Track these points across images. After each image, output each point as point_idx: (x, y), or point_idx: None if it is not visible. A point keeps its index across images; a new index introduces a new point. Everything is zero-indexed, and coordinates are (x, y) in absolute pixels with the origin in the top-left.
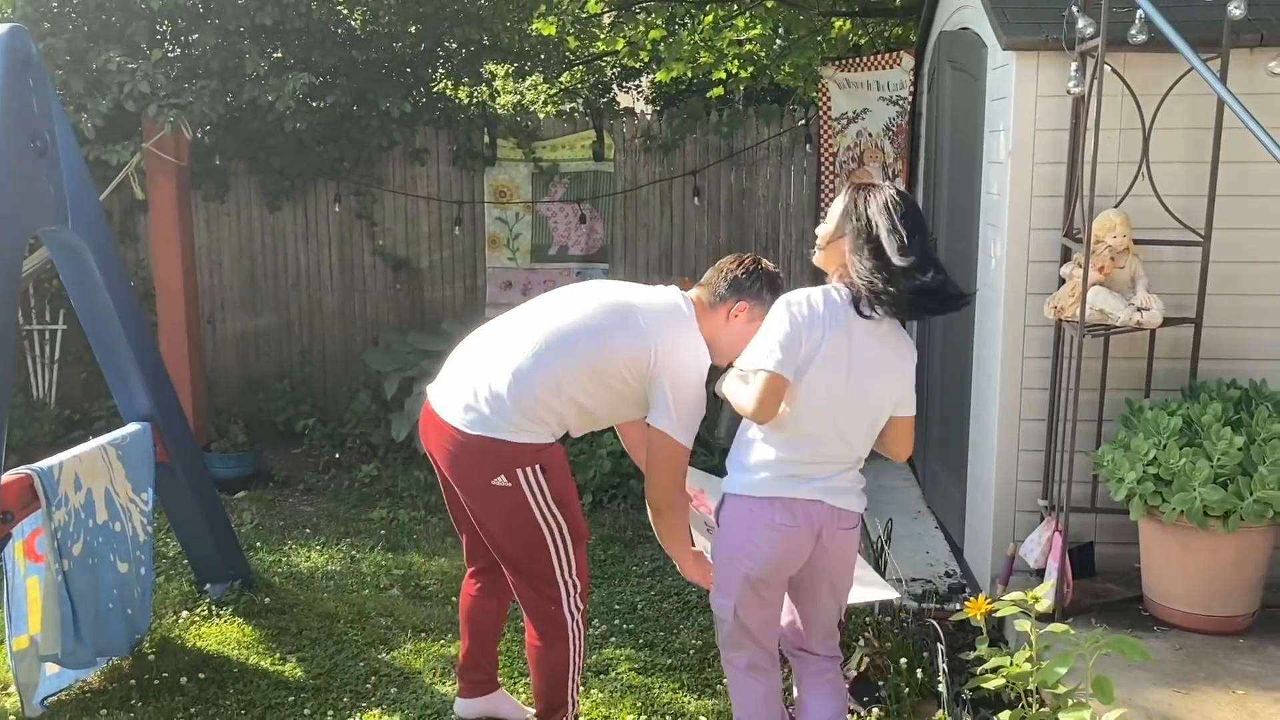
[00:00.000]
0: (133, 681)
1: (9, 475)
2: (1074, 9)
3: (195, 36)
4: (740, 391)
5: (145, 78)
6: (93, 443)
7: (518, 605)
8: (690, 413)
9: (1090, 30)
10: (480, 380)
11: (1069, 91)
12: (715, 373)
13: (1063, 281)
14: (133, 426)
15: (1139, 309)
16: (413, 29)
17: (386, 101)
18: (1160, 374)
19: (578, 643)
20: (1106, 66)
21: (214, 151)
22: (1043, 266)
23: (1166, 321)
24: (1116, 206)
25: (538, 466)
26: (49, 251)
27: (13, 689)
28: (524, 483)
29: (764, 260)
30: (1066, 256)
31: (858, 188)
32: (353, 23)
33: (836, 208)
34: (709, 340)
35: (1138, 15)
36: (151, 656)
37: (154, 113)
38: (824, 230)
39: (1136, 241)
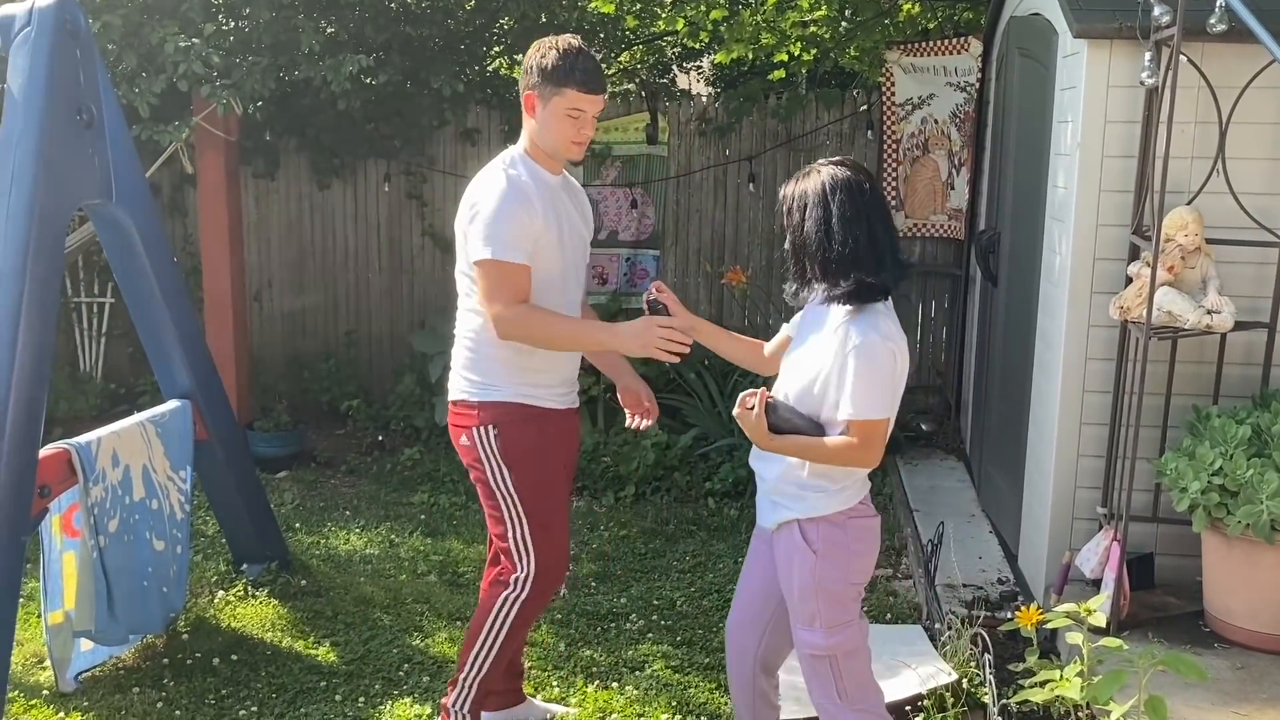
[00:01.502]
0: (166, 660)
1: (47, 450)
2: None
3: (248, 10)
4: (855, 454)
5: (199, 57)
6: (132, 419)
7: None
8: (494, 229)
9: (1166, 19)
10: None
11: (1142, 83)
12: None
13: (1130, 281)
14: (173, 403)
15: (1209, 311)
16: (468, 4)
17: (439, 80)
18: (1230, 380)
19: (499, 623)
20: (1182, 57)
21: (264, 127)
22: (1109, 264)
23: (1238, 325)
24: (1189, 204)
25: (490, 426)
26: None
27: (47, 663)
28: (479, 442)
29: (545, 41)
30: (1134, 255)
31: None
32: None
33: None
34: (536, 146)
35: (1217, 3)
36: (185, 636)
37: (207, 93)
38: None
39: (1209, 241)
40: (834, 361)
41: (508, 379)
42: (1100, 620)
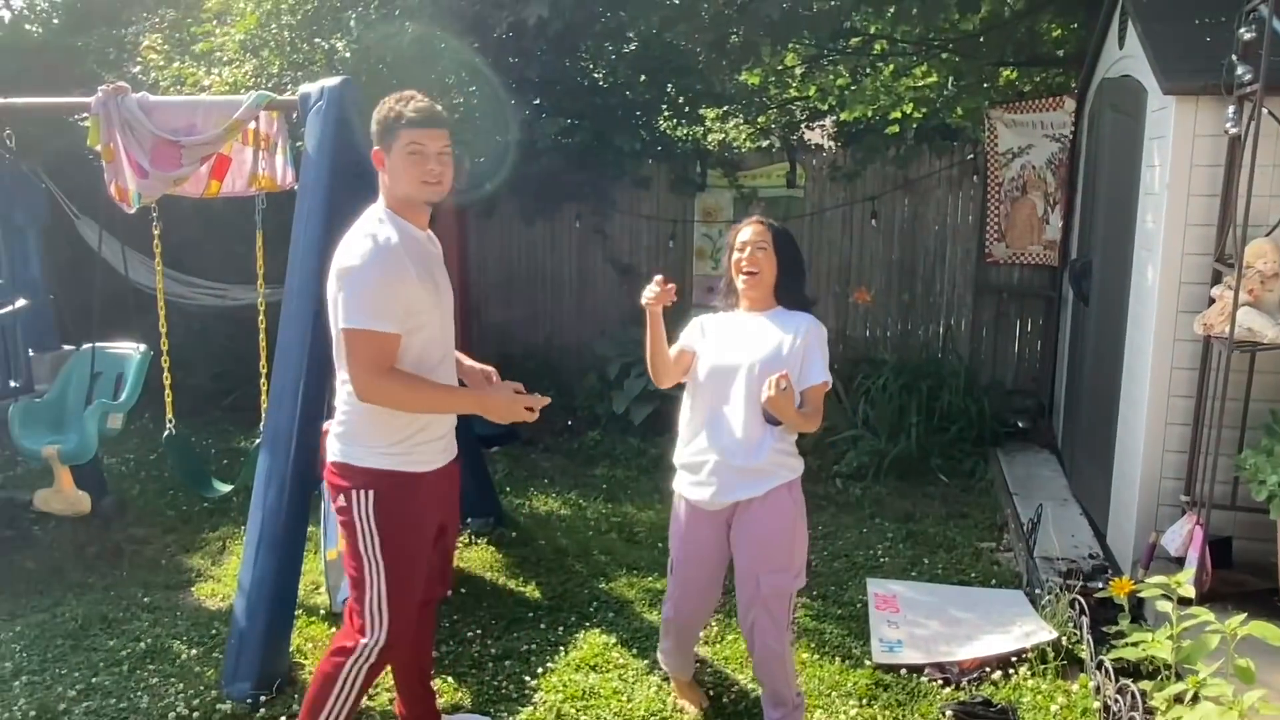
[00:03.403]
0: None
1: (328, 424)
2: (1234, 57)
3: (473, 88)
4: (818, 417)
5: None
6: None
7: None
8: (357, 296)
9: (1249, 76)
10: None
11: (1226, 132)
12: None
13: (1212, 301)
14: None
15: None
16: (642, 79)
17: (620, 140)
18: None
19: (346, 689)
20: (1264, 110)
21: (485, 178)
22: (1193, 288)
23: None
24: (1268, 235)
25: (368, 491)
26: None
27: (323, 590)
28: (354, 506)
29: (382, 101)
30: (1217, 279)
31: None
32: (596, 76)
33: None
34: (395, 199)
35: None
36: None
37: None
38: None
39: None
40: (800, 345)
41: (385, 445)
42: (1189, 592)
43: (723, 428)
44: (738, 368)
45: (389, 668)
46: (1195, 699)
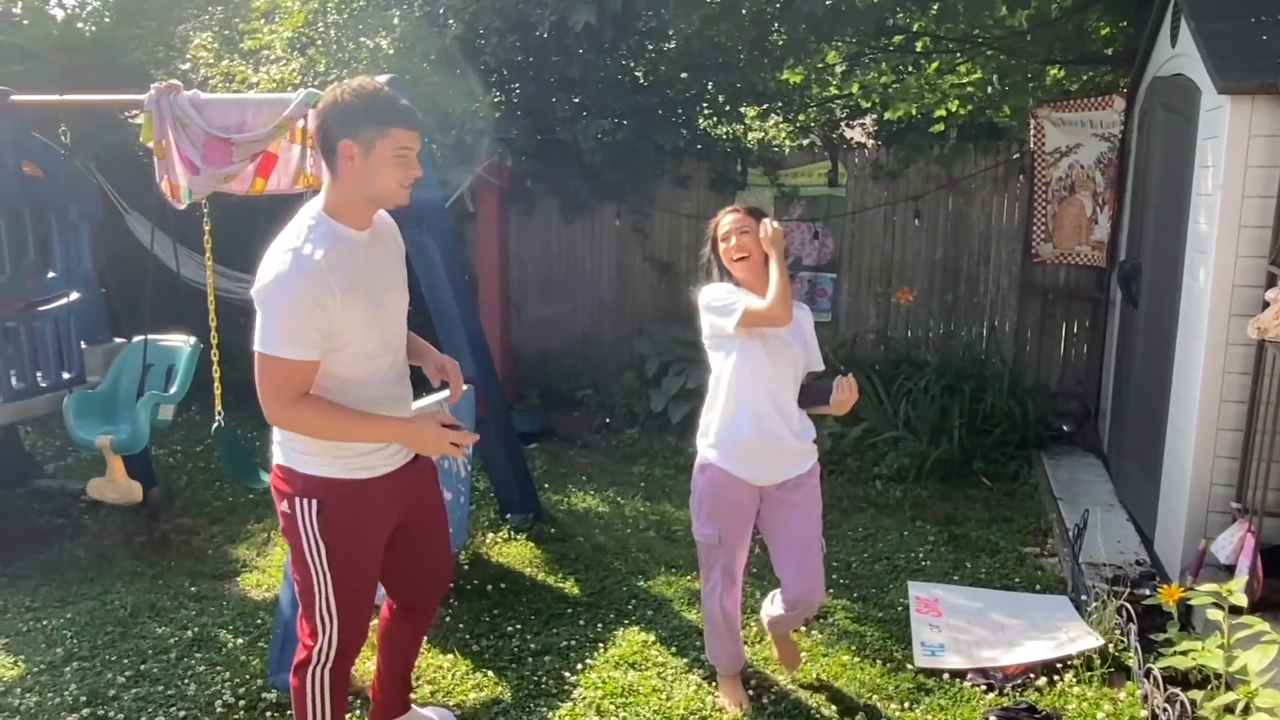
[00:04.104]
0: (451, 585)
1: None
2: None
3: (516, 86)
4: None
5: (482, 117)
6: (431, 398)
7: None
8: (271, 320)
9: None
10: None
11: None
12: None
13: (1266, 304)
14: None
15: None
16: (683, 76)
17: (661, 137)
18: None
19: (318, 699)
20: None
21: (526, 176)
22: (1247, 291)
23: None
24: None
25: (311, 500)
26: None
27: None
28: (298, 514)
29: (344, 87)
30: (1271, 282)
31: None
32: (637, 74)
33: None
34: (348, 201)
35: None
36: (466, 567)
37: (485, 145)
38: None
39: None
40: (809, 335)
41: (330, 453)
42: (1241, 600)
43: (786, 409)
44: (790, 351)
45: (377, 653)
46: (1247, 710)
